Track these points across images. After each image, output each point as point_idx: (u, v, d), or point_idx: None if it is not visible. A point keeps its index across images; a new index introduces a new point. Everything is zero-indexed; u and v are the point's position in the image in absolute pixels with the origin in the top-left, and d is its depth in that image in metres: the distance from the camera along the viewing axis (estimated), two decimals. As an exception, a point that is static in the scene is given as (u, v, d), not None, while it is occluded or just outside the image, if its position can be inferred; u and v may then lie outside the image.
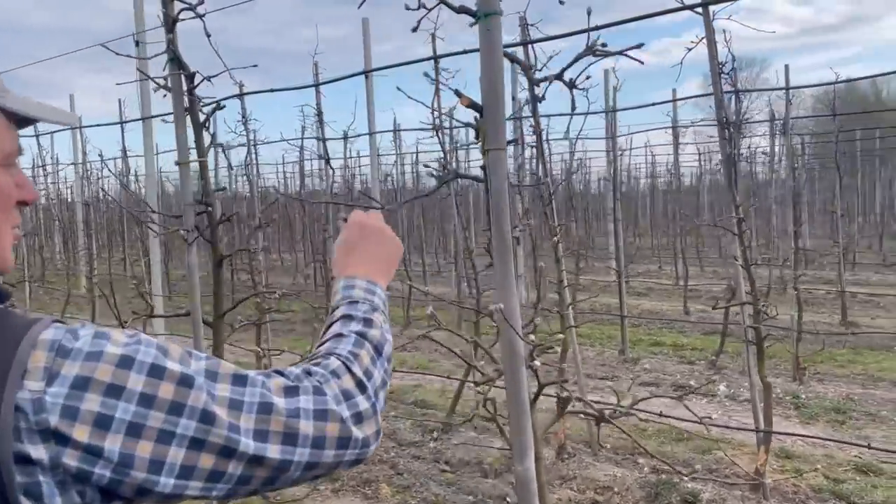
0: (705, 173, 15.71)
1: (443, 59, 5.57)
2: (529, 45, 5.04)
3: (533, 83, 5.22)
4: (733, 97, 5.79)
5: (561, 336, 4.87)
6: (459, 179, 1.46)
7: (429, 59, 5.54)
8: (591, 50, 2.63)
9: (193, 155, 2.78)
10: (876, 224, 17.87)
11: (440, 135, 5.63)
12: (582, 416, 4.11)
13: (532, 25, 5.18)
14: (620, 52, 2.46)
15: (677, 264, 12.39)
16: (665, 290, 12.46)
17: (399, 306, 10.93)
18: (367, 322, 1.06)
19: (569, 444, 5.32)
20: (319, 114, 6.77)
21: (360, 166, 15.22)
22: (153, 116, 6.32)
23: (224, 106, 2.86)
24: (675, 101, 10.58)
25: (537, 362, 1.71)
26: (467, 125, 1.39)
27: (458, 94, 1.33)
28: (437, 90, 5.60)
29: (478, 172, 1.50)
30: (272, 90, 5.03)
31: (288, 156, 26.25)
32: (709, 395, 6.92)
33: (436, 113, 5.69)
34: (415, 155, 13.81)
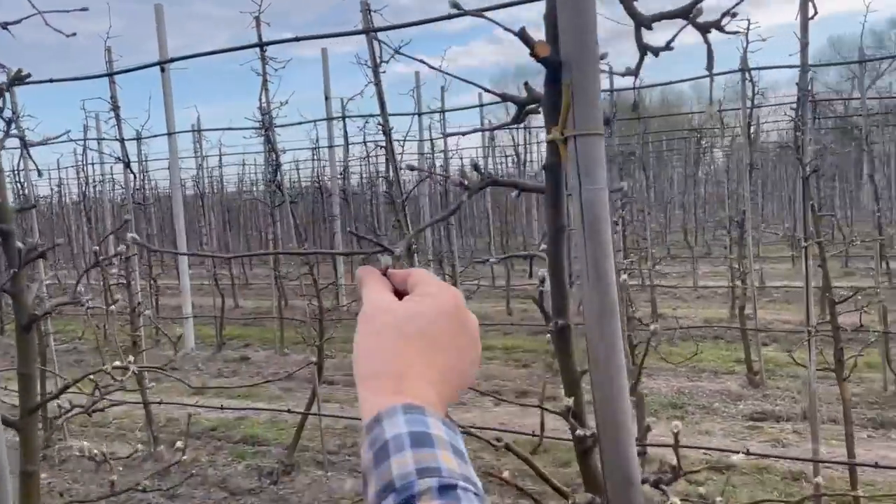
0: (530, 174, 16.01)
1: (271, 46, 4.84)
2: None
3: (378, 73, 4.68)
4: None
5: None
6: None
7: (252, 45, 4.80)
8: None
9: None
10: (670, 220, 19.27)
11: (270, 135, 4.90)
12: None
13: (376, 12, 4.64)
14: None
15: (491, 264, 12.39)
16: (481, 291, 12.40)
17: (210, 325, 9.86)
18: None
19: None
20: (115, 108, 5.71)
21: (147, 171, 13.75)
22: None
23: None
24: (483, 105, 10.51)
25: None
26: (508, 99, 0.81)
27: (524, 36, 0.76)
28: (265, 82, 4.86)
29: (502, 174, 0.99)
30: (51, 80, 4.04)
31: (65, 160, 23.18)
32: (552, 400, 6.76)
33: (264, 108, 4.94)
34: (219, 158, 12.66)
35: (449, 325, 0.69)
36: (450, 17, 3.34)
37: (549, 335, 0.95)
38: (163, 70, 7.60)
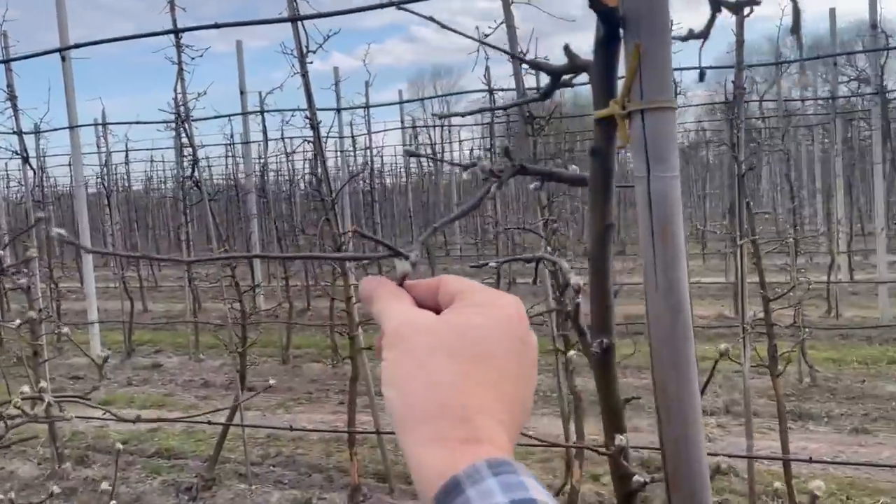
0: (447, 172, 15.83)
1: (187, 32, 4.54)
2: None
3: (305, 64, 4.48)
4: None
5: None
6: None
7: (168, 32, 4.48)
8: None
9: None
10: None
11: (187, 127, 4.60)
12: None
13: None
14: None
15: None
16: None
17: (117, 330, 9.32)
18: None
19: (363, 483, 4.63)
20: (12, 98, 5.23)
21: (46, 168, 12.90)
22: None
23: None
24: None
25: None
26: (543, 68, 0.66)
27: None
28: (181, 71, 4.55)
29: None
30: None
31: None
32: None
33: (179, 99, 4.63)
34: (125, 153, 12.00)
35: (511, 342, 0.53)
36: (391, 4, 3.16)
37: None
38: (63, 59, 7.08)
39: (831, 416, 5.70)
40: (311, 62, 4.19)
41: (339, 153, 11.21)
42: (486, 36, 4.25)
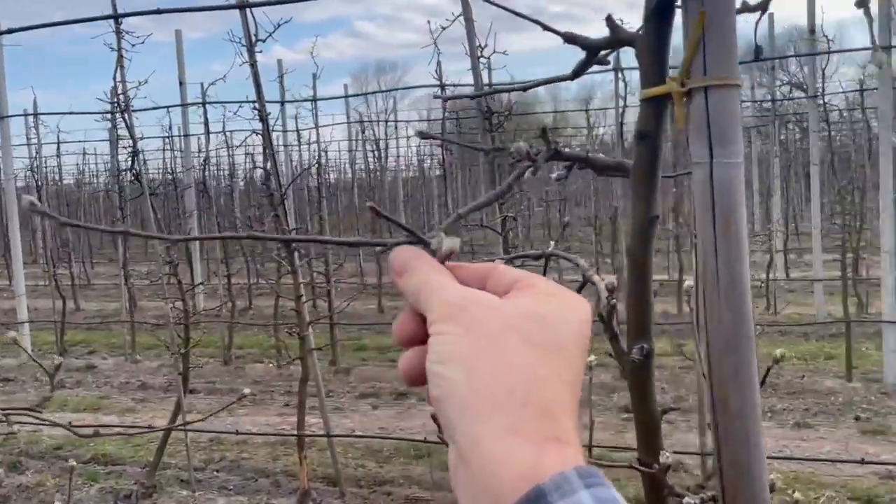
0: (389, 169, 15.59)
1: (127, 18, 4.34)
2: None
3: (254, 53, 4.34)
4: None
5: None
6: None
7: (107, 17, 4.27)
8: None
9: None
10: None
11: (127, 117, 4.40)
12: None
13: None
14: None
15: (358, 260, 12.05)
16: (351, 289, 12.06)
17: (48, 330, 8.90)
18: None
19: (313, 488, 4.50)
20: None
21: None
22: None
23: None
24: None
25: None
26: (579, 42, 0.59)
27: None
28: (120, 58, 4.34)
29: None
30: None
31: None
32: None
33: (118, 88, 4.42)
34: (57, 146, 11.48)
35: (583, 339, 0.46)
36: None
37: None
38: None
39: (774, 410, 5.81)
40: (261, 51, 4.05)
41: (283, 147, 10.96)
42: (444, 29, 4.18)
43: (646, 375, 0.69)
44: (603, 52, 0.65)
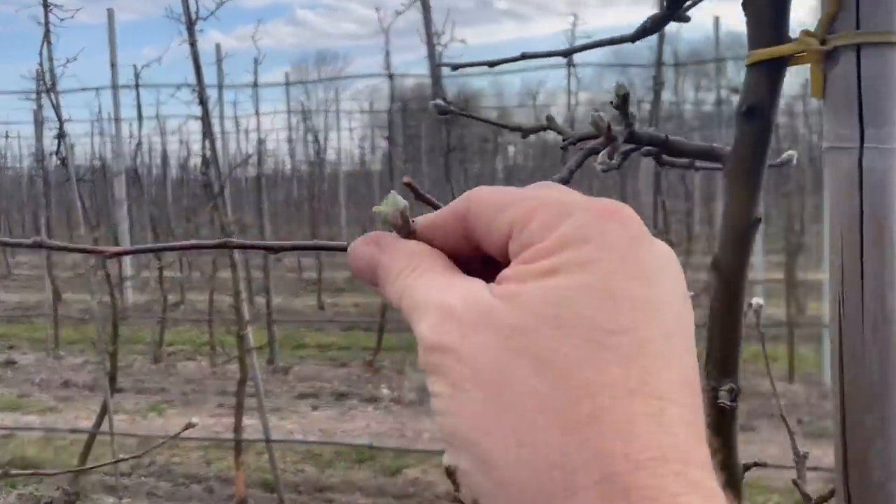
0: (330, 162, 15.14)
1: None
2: None
3: (194, 32, 4.09)
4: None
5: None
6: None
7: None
8: None
9: None
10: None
11: (53, 97, 4.09)
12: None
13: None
14: None
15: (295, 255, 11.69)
16: (289, 284, 11.74)
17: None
18: None
19: (249, 494, 4.27)
20: None
21: None
22: None
23: None
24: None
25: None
26: None
27: None
28: (47, 34, 4.02)
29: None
30: None
31: None
32: (373, 401, 6.40)
33: (45, 66, 4.10)
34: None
35: (676, 302, 0.29)
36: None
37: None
38: None
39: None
40: (201, 30, 3.79)
41: (221, 135, 10.56)
42: (399, 14, 3.98)
43: (730, 423, 0.54)
44: (688, 3, 0.50)
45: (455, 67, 1.04)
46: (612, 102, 0.72)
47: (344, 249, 0.39)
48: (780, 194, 7.52)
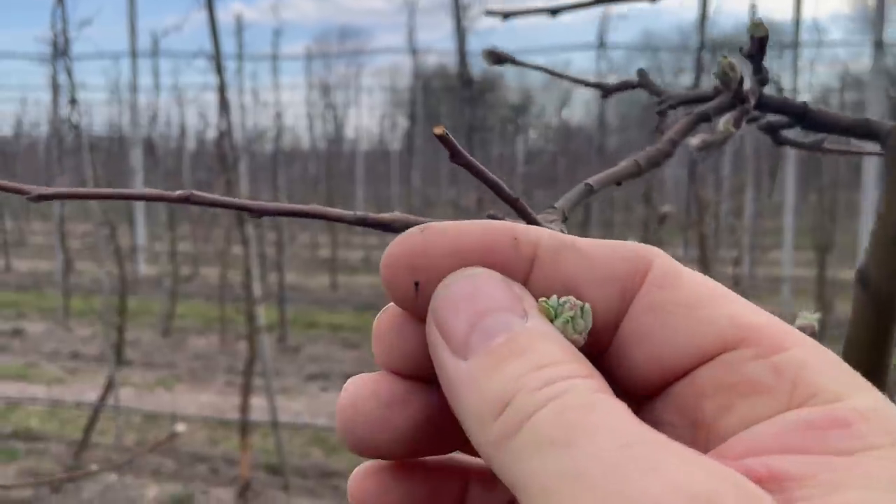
0: (349, 140, 14.98)
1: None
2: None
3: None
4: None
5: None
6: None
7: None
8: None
9: None
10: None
11: (66, 61, 3.94)
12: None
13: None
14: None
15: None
16: (302, 261, 11.62)
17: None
18: None
19: (254, 477, 4.15)
20: None
21: None
22: None
23: None
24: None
25: None
26: None
27: None
28: (60, -8, 3.87)
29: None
30: None
31: None
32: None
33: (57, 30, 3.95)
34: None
35: None
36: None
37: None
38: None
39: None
40: (221, -4, 3.62)
41: (240, 108, 10.42)
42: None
43: None
44: None
45: (506, 16, 0.87)
46: (740, 49, 0.55)
47: (335, 219, 0.37)
48: (817, 191, 7.28)
